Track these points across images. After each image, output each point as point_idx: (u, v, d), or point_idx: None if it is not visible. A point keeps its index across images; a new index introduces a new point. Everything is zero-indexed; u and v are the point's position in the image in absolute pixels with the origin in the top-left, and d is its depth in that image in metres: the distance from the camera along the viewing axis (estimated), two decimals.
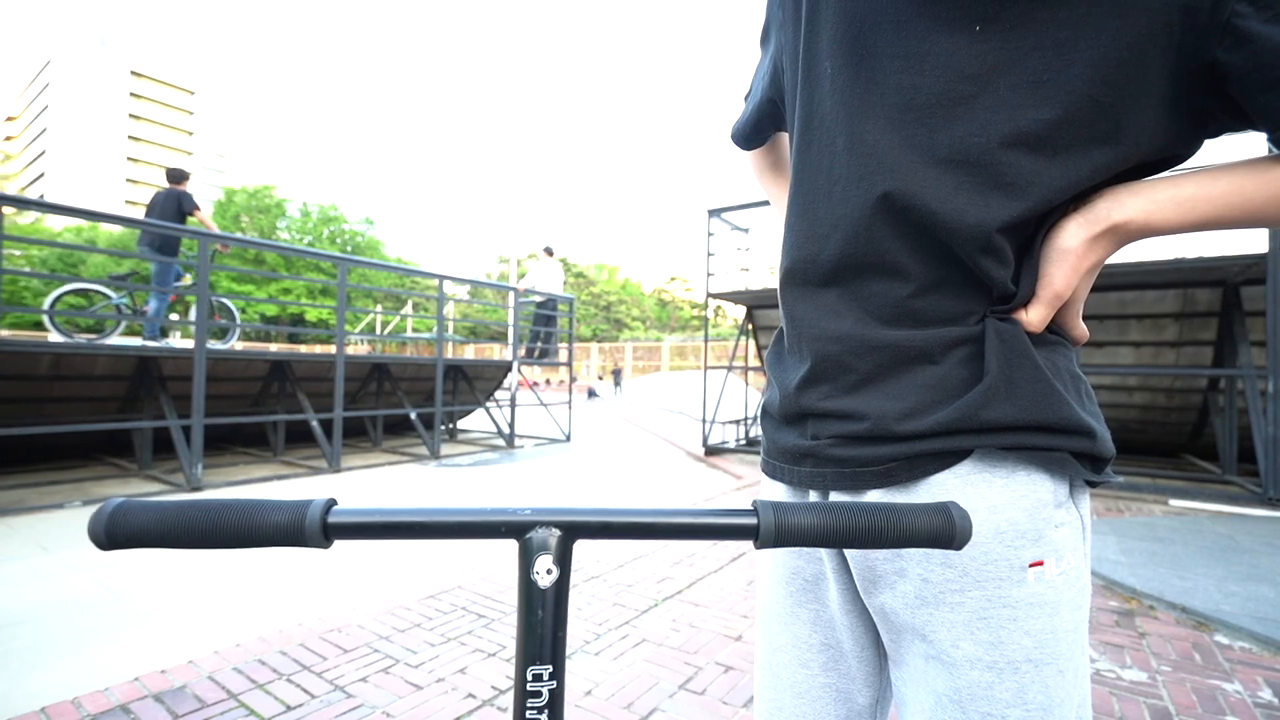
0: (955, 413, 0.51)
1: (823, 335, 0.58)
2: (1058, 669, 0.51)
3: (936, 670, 0.53)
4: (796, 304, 0.61)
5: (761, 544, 0.41)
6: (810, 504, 0.42)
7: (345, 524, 0.41)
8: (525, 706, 0.38)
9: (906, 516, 0.42)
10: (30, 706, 1.80)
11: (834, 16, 0.56)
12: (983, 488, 0.51)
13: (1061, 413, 0.50)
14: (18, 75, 73.66)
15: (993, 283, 0.52)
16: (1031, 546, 0.51)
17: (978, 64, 0.49)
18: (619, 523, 0.41)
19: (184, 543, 0.40)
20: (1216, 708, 1.89)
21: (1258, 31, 0.43)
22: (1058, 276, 0.51)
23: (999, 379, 0.50)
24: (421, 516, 0.41)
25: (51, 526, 3.92)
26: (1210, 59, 0.45)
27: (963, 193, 0.50)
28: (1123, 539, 3.73)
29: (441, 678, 2.00)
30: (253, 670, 2.04)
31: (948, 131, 0.50)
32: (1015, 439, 0.51)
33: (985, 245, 0.50)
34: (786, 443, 0.63)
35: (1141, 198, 0.49)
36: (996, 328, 0.52)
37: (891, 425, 0.53)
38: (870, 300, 0.55)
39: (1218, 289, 5.84)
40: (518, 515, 0.41)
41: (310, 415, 6.40)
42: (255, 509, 0.40)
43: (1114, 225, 0.50)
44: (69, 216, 4.93)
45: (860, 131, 0.54)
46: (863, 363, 0.55)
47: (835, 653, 0.63)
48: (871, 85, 0.54)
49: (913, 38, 0.51)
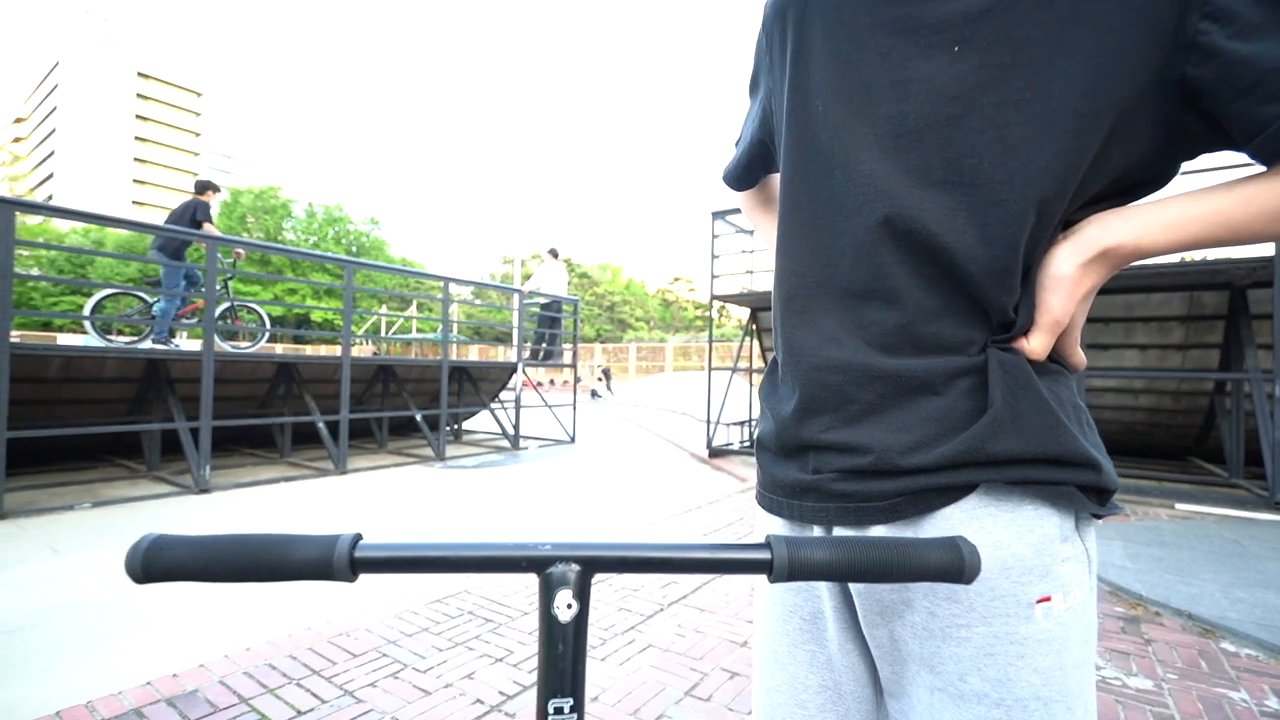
0: (961, 446, 0.51)
1: (823, 364, 0.58)
2: (1066, 706, 0.51)
3: (943, 703, 0.53)
4: (795, 332, 0.61)
5: (775, 578, 0.42)
6: (822, 539, 0.43)
7: (370, 559, 0.42)
8: None
9: (917, 551, 0.43)
10: (45, 710, 1.83)
11: (822, 57, 0.58)
12: (988, 523, 0.51)
13: (1068, 445, 0.51)
14: (26, 77, 74.18)
15: (993, 309, 0.52)
16: (1039, 582, 0.51)
17: (960, 84, 0.51)
18: (636, 558, 0.43)
19: (217, 577, 0.41)
20: (1223, 716, 1.89)
21: (1223, 46, 0.45)
22: (1056, 303, 0.52)
23: (1004, 411, 0.50)
24: (445, 551, 0.42)
25: (62, 528, 3.96)
26: (1181, 74, 0.47)
27: (960, 213, 0.51)
28: (1129, 544, 3.72)
29: (449, 683, 2.02)
30: (263, 674, 2.06)
31: (940, 154, 0.52)
32: (1022, 473, 0.51)
33: (987, 266, 0.51)
34: (786, 477, 0.62)
35: (1129, 221, 0.50)
36: (1000, 358, 0.52)
37: (896, 459, 0.53)
38: (870, 328, 0.56)
39: (1224, 292, 5.81)
40: (538, 550, 0.42)
41: (317, 417, 6.44)
42: (285, 544, 0.41)
43: (1105, 249, 0.51)
44: (79, 221, 4.98)
45: (856, 162, 0.56)
46: (864, 393, 0.55)
47: (833, 694, 0.62)
48: (863, 117, 0.56)
49: (897, 66, 0.54)
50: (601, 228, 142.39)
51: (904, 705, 0.58)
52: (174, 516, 4.44)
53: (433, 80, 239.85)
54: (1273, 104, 0.44)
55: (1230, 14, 0.45)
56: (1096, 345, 6.74)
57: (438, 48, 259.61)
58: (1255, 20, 0.44)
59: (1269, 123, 0.44)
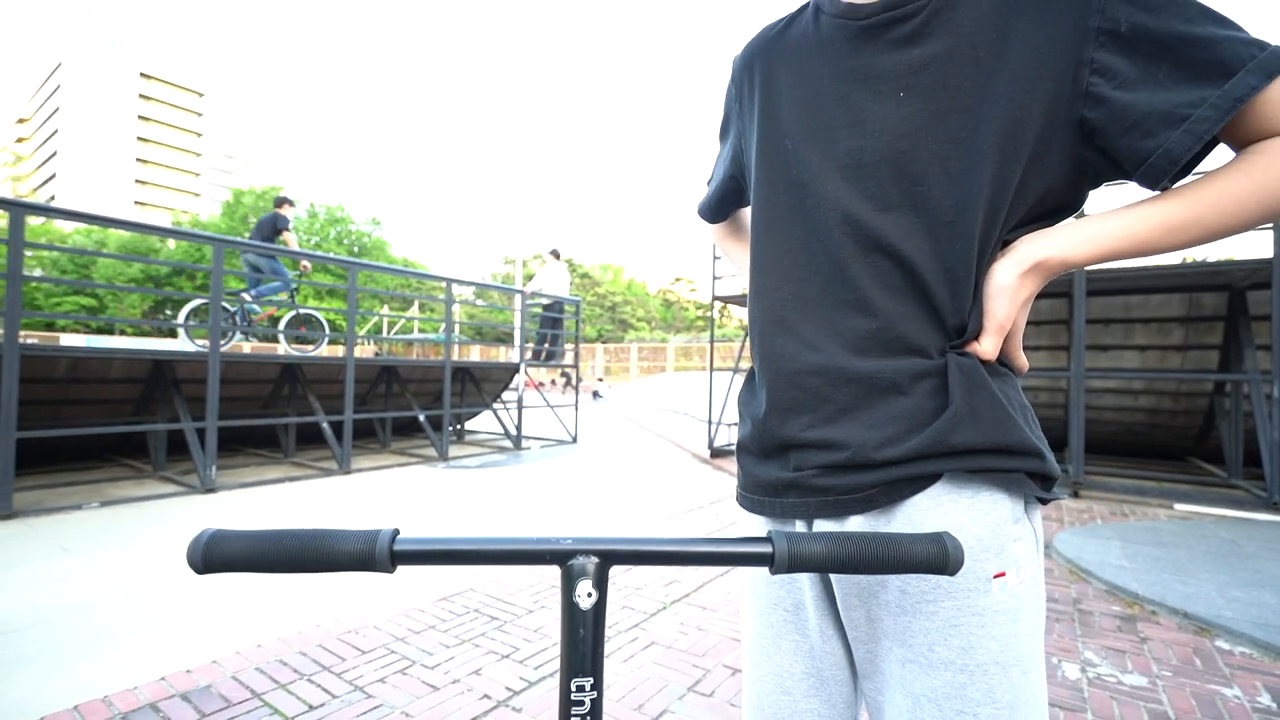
0: (926, 439, 0.59)
1: (803, 369, 0.65)
2: (1022, 670, 0.57)
3: (914, 673, 0.59)
4: (775, 340, 0.68)
5: (776, 569, 0.46)
6: (819, 534, 0.47)
7: (408, 551, 0.46)
8: (570, 714, 0.43)
9: (907, 545, 0.47)
10: (62, 705, 1.87)
11: (788, 102, 0.69)
12: (950, 508, 0.59)
13: (1016, 436, 0.59)
14: (29, 77, 74.37)
15: (948, 315, 0.61)
16: (995, 559, 0.58)
17: (909, 124, 0.61)
18: (650, 551, 0.47)
19: (269, 568, 0.45)
20: (1215, 713, 1.93)
21: (1108, 95, 0.56)
22: (999, 309, 0.60)
23: (963, 407, 0.58)
24: (475, 545, 0.46)
25: (71, 527, 4.01)
26: (1079, 117, 0.58)
27: (917, 233, 0.61)
28: (1126, 543, 3.76)
29: (457, 679, 2.06)
30: (274, 670, 2.10)
31: (895, 183, 0.61)
32: (979, 462, 0.58)
33: (943, 278, 0.60)
34: (768, 476, 0.69)
35: (1053, 239, 0.60)
36: (958, 362, 0.60)
37: (871, 453, 0.60)
38: (846, 334, 0.64)
39: (1223, 293, 5.85)
40: (560, 544, 0.46)
41: (321, 417, 6.48)
42: (332, 538, 0.46)
43: (1037, 262, 0.60)
44: (98, 225, 5.02)
45: (823, 191, 0.65)
46: (841, 394, 0.63)
47: (816, 680, 0.68)
48: (827, 152, 0.65)
49: (853, 109, 0.64)
50: (602, 228, 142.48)
51: (877, 683, 0.64)
52: (182, 516, 4.49)
53: (435, 81, 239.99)
54: (1149, 139, 0.55)
55: (1112, 70, 0.56)
56: (1096, 346, 6.77)
57: (440, 48, 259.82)
58: (1131, 76, 0.55)
59: (1149, 154, 0.55)
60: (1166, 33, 0.54)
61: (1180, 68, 0.54)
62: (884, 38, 0.63)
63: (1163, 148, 0.54)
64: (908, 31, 0.62)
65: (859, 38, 0.64)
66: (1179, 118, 0.53)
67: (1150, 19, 0.54)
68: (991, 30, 0.59)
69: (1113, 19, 0.55)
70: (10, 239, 4.21)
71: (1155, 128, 0.54)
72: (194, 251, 31.72)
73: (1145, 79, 0.55)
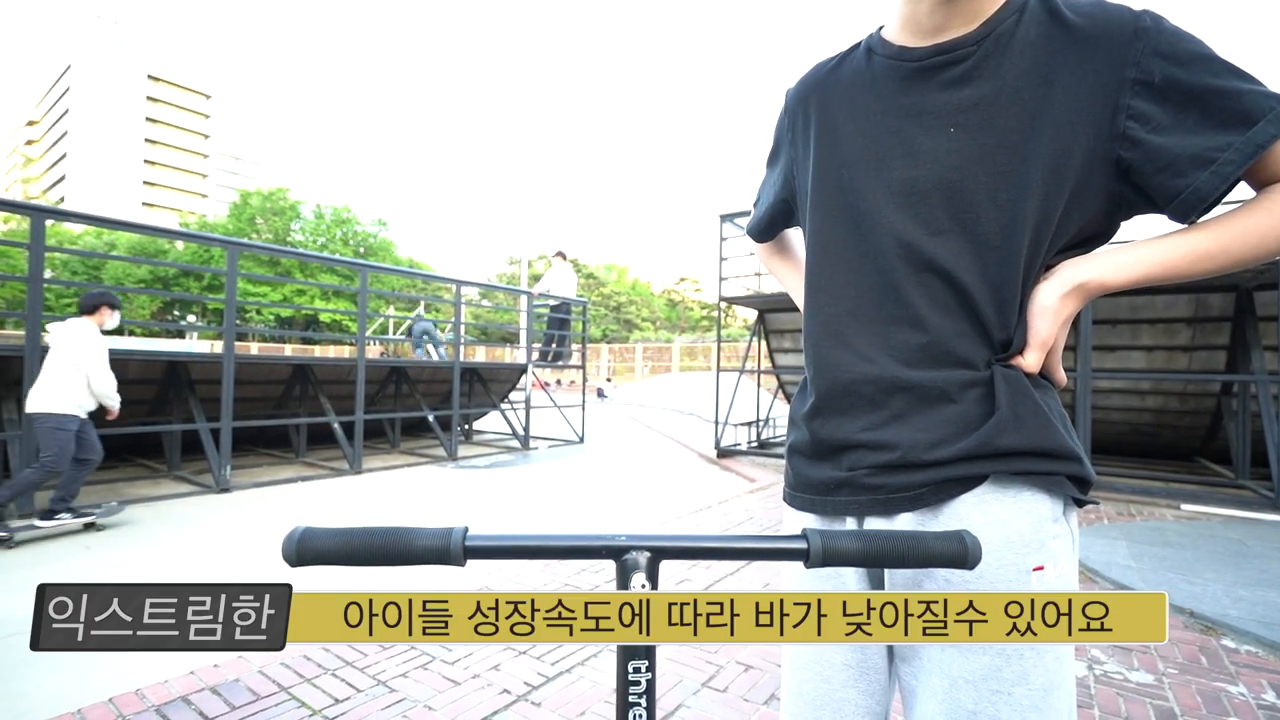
0: (974, 441, 0.64)
1: (858, 378, 0.71)
2: (1055, 655, 0.63)
3: (953, 656, 0.64)
4: (831, 352, 0.74)
5: (811, 564, 0.51)
6: (851, 531, 0.52)
7: (478, 547, 0.51)
8: (628, 692, 0.48)
9: (931, 542, 0.52)
10: (97, 698, 1.94)
11: (845, 134, 0.75)
12: (994, 505, 0.64)
13: (1057, 441, 0.64)
14: (39, 80, 75.02)
15: (995, 332, 0.66)
16: (1035, 554, 0.63)
17: (959, 157, 0.67)
18: (696, 547, 0.52)
19: (354, 561, 0.50)
20: (1220, 709, 1.96)
21: (1142, 138, 0.62)
22: (1043, 327, 0.66)
23: (1008, 414, 0.64)
24: (538, 541, 0.51)
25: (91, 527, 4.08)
26: (1116, 156, 0.64)
27: (965, 255, 0.66)
28: (1133, 543, 3.78)
29: (477, 674, 2.12)
30: (299, 665, 2.16)
31: (945, 210, 0.67)
32: (1022, 464, 0.63)
33: (990, 298, 0.66)
34: (819, 476, 0.74)
35: (1094, 264, 0.66)
36: (1003, 373, 0.66)
37: (921, 454, 0.66)
38: (898, 348, 0.69)
39: (1231, 294, 5.85)
40: (616, 540, 0.51)
41: (332, 418, 6.56)
42: (410, 535, 0.51)
43: (1078, 284, 0.65)
44: (124, 230, 5.11)
45: (877, 215, 0.71)
46: (894, 401, 0.69)
47: (855, 671, 0.73)
48: (880, 180, 0.71)
49: (906, 141, 0.70)
50: (607, 228, 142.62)
51: (914, 667, 0.69)
52: (198, 515, 4.57)
53: (440, 82, 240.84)
54: (1180, 178, 0.61)
55: (1146, 116, 0.62)
56: (1103, 347, 6.78)
57: (445, 50, 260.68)
58: (1164, 122, 0.62)
59: (1180, 191, 0.61)
60: (1196, 85, 0.60)
61: (1208, 116, 0.60)
62: (935, 79, 0.69)
63: (1193, 186, 0.60)
64: (958, 74, 0.67)
65: (912, 78, 0.70)
66: (1208, 160, 0.60)
67: (1181, 72, 0.61)
68: (1035, 77, 0.64)
69: (1147, 71, 0.61)
70: (31, 244, 4.29)
71: (1186, 168, 0.60)
72: (202, 253, 31.93)
73: (1176, 125, 0.61)
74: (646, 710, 0.49)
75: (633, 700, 0.48)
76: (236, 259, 5.43)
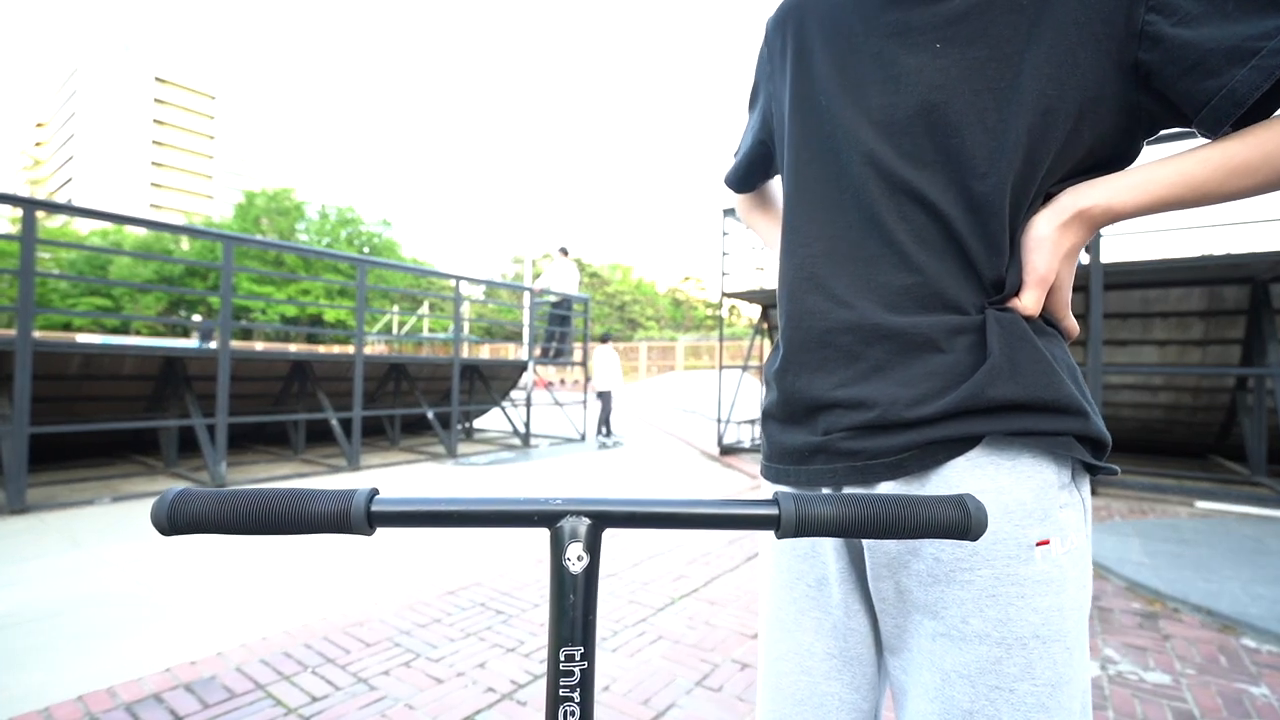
0: (962, 395, 0.54)
1: (834, 326, 0.62)
2: (1065, 645, 0.53)
3: (945, 647, 0.55)
4: (806, 297, 0.65)
5: (783, 534, 0.43)
6: (830, 495, 0.43)
7: (387, 512, 0.43)
8: (559, 685, 0.40)
9: (924, 508, 0.43)
10: (67, 695, 1.87)
11: (822, 59, 0.66)
12: (990, 470, 0.55)
13: (1060, 391, 0.54)
14: (47, 83, 75.60)
15: (985, 271, 0.57)
16: (1038, 526, 0.54)
17: (943, 75, 0.58)
18: (645, 513, 0.43)
19: (238, 529, 0.42)
20: (1242, 711, 1.86)
21: (1166, 33, 0.51)
22: (1040, 261, 0.56)
23: (1001, 360, 0.54)
24: (459, 506, 0.43)
25: (82, 522, 4.03)
26: (1134, 60, 0.53)
27: (951, 187, 0.58)
28: (1147, 541, 3.67)
29: (461, 671, 2.04)
30: (278, 662, 2.09)
31: (929, 137, 0.59)
32: (1020, 422, 0.54)
33: (978, 231, 0.57)
34: (794, 442, 0.65)
35: (1099, 187, 0.56)
36: (997, 316, 0.57)
37: (901, 412, 0.57)
38: (880, 289, 0.60)
39: (1245, 286, 5.72)
40: (549, 505, 0.43)
41: (330, 414, 6.50)
42: (305, 497, 0.42)
43: (1079, 211, 0.56)
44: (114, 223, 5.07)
45: (857, 146, 0.62)
46: (873, 351, 0.60)
47: (839, 661, 0.64)
48: (860, 109, 0.63)
49: (887, 64, 0.61)
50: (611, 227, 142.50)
51: (903, 660, 0.59)
52: None
53: (444, 82, 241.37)
54: (1212, 79, 0.50)
55: (1171, 6, 0.51)
56: (1113, 341, 6.65)
57: (449, 50, 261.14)
58: (1193, 10, 0.50)
59: (1212, 95, 0.50)
60: None
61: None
62: None
63: (1227, 87, 0.49)
64: None
65: None
66: (1248, 52, 0.48)
67: None
68: None
69: None
70: (22, 236, 4.24)
71: (1219, 65, 0.49)
72: (207, 251, 32.05)
73: (1210, 12, 0.50)
74: (580, 706, 0.40)
75: (564, 695, 0.40)
76: (232, 253, 5.37)
